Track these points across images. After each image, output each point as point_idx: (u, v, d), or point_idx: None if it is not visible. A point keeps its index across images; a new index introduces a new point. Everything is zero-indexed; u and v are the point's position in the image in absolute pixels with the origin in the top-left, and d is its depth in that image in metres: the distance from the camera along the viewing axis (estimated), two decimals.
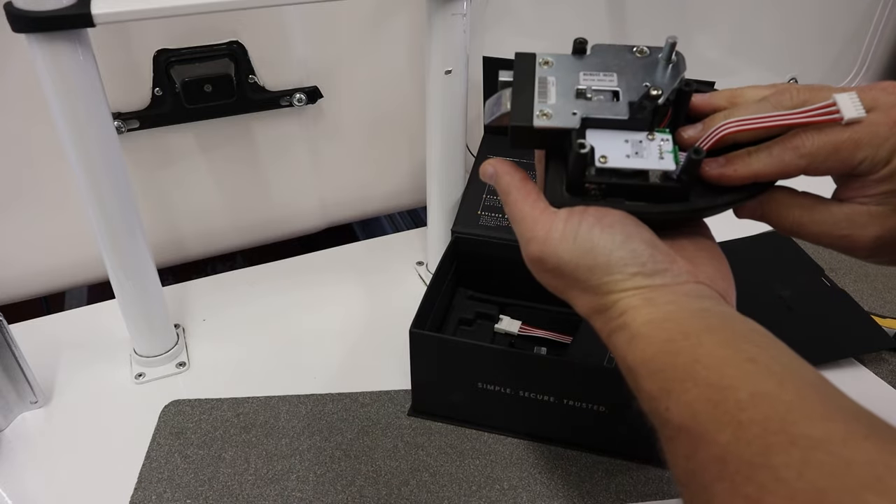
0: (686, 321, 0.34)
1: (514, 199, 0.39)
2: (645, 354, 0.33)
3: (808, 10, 0.96)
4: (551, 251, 0.36)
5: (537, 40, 0.82)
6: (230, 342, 0.68)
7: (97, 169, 0.52)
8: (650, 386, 0.32)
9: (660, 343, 0.33)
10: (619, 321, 0.35)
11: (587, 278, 0.36)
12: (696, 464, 0.28)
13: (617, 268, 0.35)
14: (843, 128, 0.35)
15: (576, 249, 0.35)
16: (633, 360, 0.33)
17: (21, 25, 0.44)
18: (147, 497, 0.53)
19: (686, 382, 0.30)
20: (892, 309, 0.71)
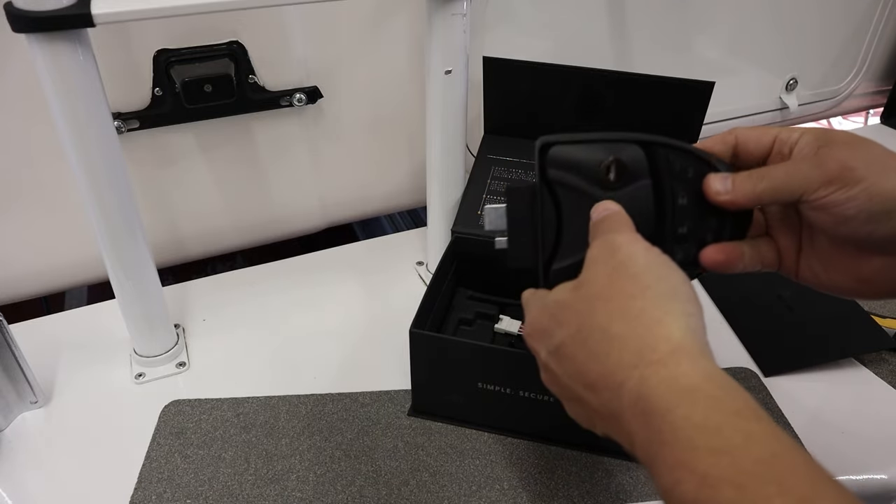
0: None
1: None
2: (706, 417, 0.27)
3: (808, 11, 0.96)
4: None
5: (537, 40, 0.82)
6: (230, 342, 0.68)
7: (97, 169, 0.52)
8: (708, 467, 0.26)
9: (731, 399, 0.28)
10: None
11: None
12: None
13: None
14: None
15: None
16: (686, 420, 0.28)
17: (21, 25, 0.44)
18: (147, 497, 0.53)
19: (769, 485, 0.25)
20: (892, 309, 0.71)
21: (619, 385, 0.31)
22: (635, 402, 0.30)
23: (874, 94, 1.13)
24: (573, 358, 0.34)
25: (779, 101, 1.03)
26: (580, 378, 0.33)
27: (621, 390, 0.30)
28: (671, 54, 0.91)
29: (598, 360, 0.32)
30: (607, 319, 0.32)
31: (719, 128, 1.00)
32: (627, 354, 0.31)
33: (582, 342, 0.33)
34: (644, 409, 0.29)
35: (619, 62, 0.88)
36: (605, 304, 0.33)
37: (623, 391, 0.30)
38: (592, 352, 0.32)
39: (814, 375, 0.64)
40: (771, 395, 0.61)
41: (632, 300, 0.32)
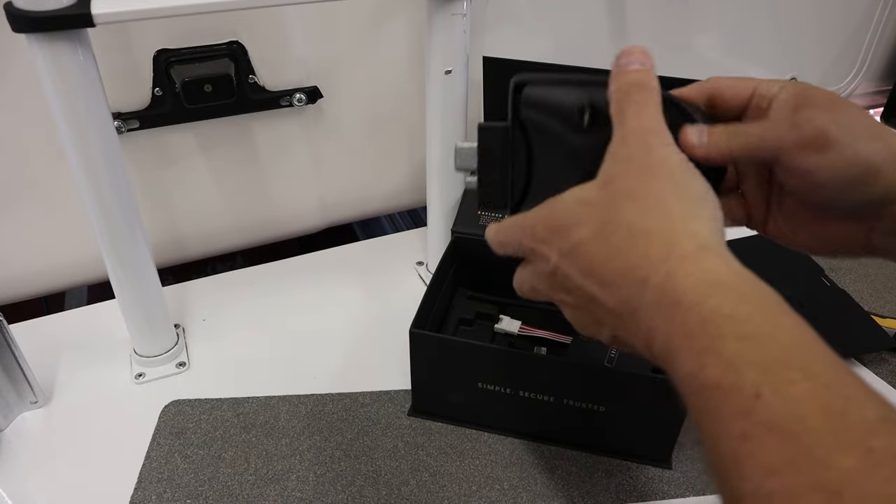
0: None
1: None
2: (735, 308, 0.27)
3: (808, 10, 0.96)
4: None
5: (537, 40, 0.82)
6: (230, 342, 0.68)
7: (97, 169, 0.52)
8: (735, 352, 0.26)
9: (758, 294, 0.28)
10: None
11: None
12: (787, 485, 0.22)
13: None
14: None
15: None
16: (714, 311, 0.27)
17: (21, 25, 0.44)
18: (147, 497, 0.53)
19: (793, 370, 0.25)
20: (892, 309, 0.71)
21: (643, 280, 0.30)
22: (660, 296, 0.29)
23: (874, 94, 1.13)
24: (593, 255, 0.32)
25: None
26: (598, 275, 0.32)
27: (645, 285, 0.30)
28: (671, 54, 0.91)
29: (622, 255, 0.31)
30: (636, 216, 0.32)
31: None
32: (655, 249, 0.30)
33: (605, 238, 0.32)
34: (670, 302, 0.29)
35: None
36: (634, 201, 0.32)
37: (647, 286, 0.30)
38: (616, 247, 0.31)
39: None
40: None
41: (663, 198, 0.32)
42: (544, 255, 0.35)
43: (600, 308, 0.33)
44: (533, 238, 0.36)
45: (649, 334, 0.30)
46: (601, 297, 0.32)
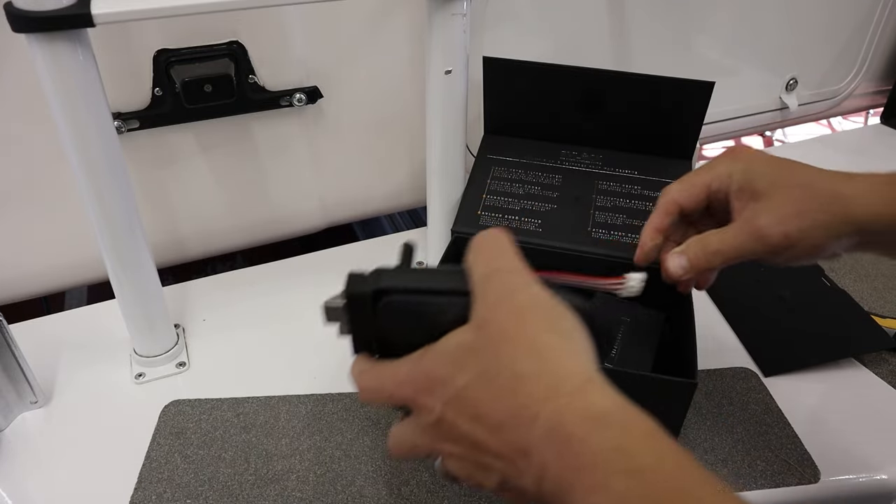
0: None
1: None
2: (621, 441, 0.29)
3: (808, 11, 0.96)
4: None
5: (537, 40, 0.82)
6: (230, 342, 0.68)
7: (97, 169, 0.52)
8: (623, 486, 0.28)
9: (641, 425, 0.30)
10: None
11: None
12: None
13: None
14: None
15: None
16: (602, 446, 0.29)
17: (21, 25, 0.44)
18: (147, 497, 0.53)
19: (676, 500, 0.28)
20: (892, 309, 0.71)
21: (532, 418, 0.30)
22: (550, 433, 0.30)
23: (874, 94, 1.13)
24: (478, 400, 0.32)
25: (779, 101, 1.03)
26: (486, 420, 0.32)
27: (535, 424, 0.30)
28: (671, 54, 0.91)
29: (508, 397, 0.31)
30: (516, 357, 0.32)
31: (719, 128, 1.00)
32: (540, 388, 0.31)
33: (489, 381, 0.32)
34: (560, 438, 0.29)
35: (618, 62, 0.88)
36: (511, 343, 0.32)
37: (537, 424, 0.30)
38: (501, 389, 0.32)
39: (814, 375, 0.64)
40: (771, 395, 0.61)
41: (539, 337, 0.32)
42: (427, 405, 0.34)
43: (488, 454, 0.32)
44: (413, 390, 0.35)
45: (541, 472, 0.30)
46: (490, 443, 0.32)
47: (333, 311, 0.39)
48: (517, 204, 0.66)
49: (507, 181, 0.68)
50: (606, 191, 0.66)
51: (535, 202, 0.66)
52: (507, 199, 0.66)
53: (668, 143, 0.69)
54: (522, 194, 0.67)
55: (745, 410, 0.60)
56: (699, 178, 0.46)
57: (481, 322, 0.34)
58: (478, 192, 0.68)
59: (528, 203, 0.66)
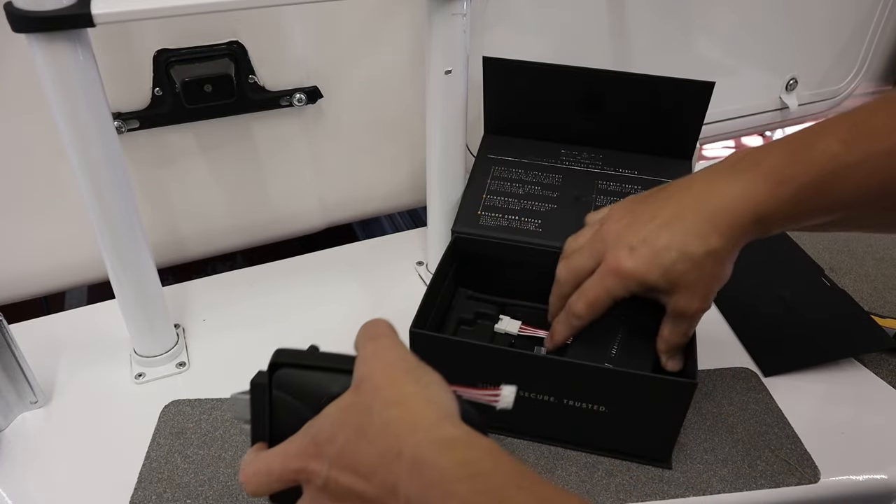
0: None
1: None
2: (464, 455, 0.33)
3: (808, 11, 0.96)
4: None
5: (537, 40, 0.82)
6: (230, 342, 0.68)
7: (97, 169, 0.52)
8: (467, 489, 0.31)
9: (483, 443, 0.34)
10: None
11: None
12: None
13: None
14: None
15: None
16: (450, 461, 0.33)
17: (21, 25, 0.44)
18: (147, 497, 0.53)
19: (510, 487, 0.31)
20: (892, 309, 0.71)
21: (397, 455, 0.33)
22: (412, 464, 0.33)
23: (874, 94, 1.13)
24: (355, 452, 0.35)
25: (779, 101, 1.03)
26: (361, 469, 0.34)
27: (399, 460, 0.33)
28: (671, 54, 0.91)
29: (378, 442, 0.34)
30: (384, 405, 0.35)
31: (719, 128, 1.00)
32: (403, 428, 0.34)
33: (363, 433, 0.35)
34: (420, 466, 0.32)
35: (618, 62, 0.88)
36: (381, 394, 0.36)
37: (401, 460, 0.33)
38: (373, 438, 0.34)
39: (814, 375, 0.64)
40: (771, 395, 0.61)
41: (404, 388, 0.36)
42: (316, 471, 0.36)
43: (367, 501, 0.35)
44: (304, 459, 0.37)
45: (407, 502, 0.33)
46: (367, 491, 0.34)
47: (238, 403, 0.42)
48: (517, 204, 0.66)
49: (508, 181, 0.68)
50: (606, 191, 0.66)
51: (535, 202, 0.66)
52: (507, 198, 0.66)
53: (668, 144, 0.69)
54: (522, 194, 0.67)
55: (745, 410, 0.60)
56: (567, 270, 0.55)
57: (358, 382, 0.37)
58: (478, 192, 0.68)
59: (529, 203, 0.66)
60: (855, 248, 0.81)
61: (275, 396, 0.41)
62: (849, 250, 0.80)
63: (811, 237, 0.82)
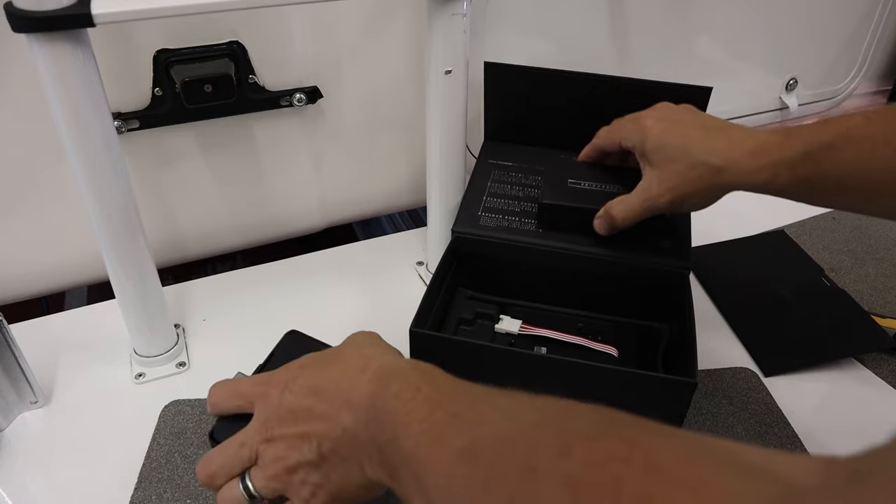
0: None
1: None
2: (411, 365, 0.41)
3: (808, 11, 0.96)
4: None
5: (537, 41, 0.82)
6: (230, 342, 0.68)
7: (97, 169, 0.52)
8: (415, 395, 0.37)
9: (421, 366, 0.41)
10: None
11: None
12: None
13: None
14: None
15: None
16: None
17: (21, 25, 0.44)
18: (147, 497, 0.53)
19: (424, 385, 0.38)
20: (892, 309, 0.71)
21: (362, 369, 0.40)
22: (372, 376, 0.39)
23: (874, 94, 1.13)
24: (310, 378, 0.42)
25: (779, 101, 1.03)
26: (317, 390, 0.41)
27: (364, 373, 0.40)
28: (671, 55, 0.91)
29: (336, 368, 0.42)
30: (345, 354, 0.44)
31: None
32: (364, 359, 0.42)
33: (321, 367, 0.43)
34: (380, 377, 0.39)
35: (618, 63, 0.88)
36: (344, 351, 0.45)
37: (366, 373, 0.40)
38: (331, 368, 0.42)
39: (814, 375, 0.64)
40: (771, 395, 0.61)
41: (363, 348, 0.44)
42: (268, 393, 0.43)
43: (312, 419, 0.40)
44: (261, 386, 0.44)
45: (365, 409, 0.38)
46: (318, 407, 0.40)
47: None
48: (517, 205, 0.66)
49: (508, 184, 0.68)
50: None
51: (535, 204, 0.66)
52: (507, 200, 0.66)
53: None
54: (523, 196, 0.67)
55: (745, 410, 0.60)
56: (612, 135, 0.61)
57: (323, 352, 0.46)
58: (479, 193, 0.68)
59: (529, 205, 0.66)
60: (855, 248, 0.81)
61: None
62: (849, 250, 0.80)
63: (811, 237, 0.82)
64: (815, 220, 0.85)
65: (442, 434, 0.33)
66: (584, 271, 0.62)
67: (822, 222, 0.85)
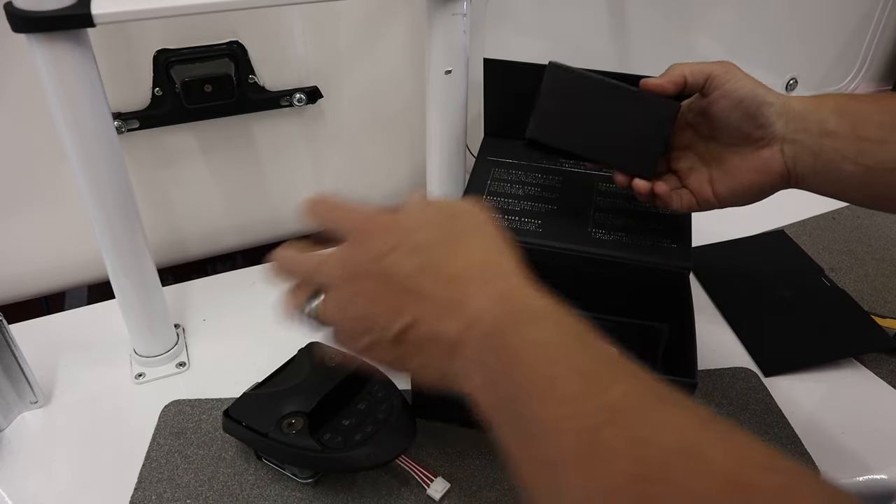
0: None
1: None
2: (533, 311, 0.36)
3: (808, 11, 0.96)
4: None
5: (537, 40, 0.82)
6: (230, 342, 0.68)
7: (97, 169, 0.52)
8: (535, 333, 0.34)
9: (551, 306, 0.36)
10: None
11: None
12: (581, 406, 0.30)
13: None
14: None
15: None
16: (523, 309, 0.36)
17: (21, 25, 0.44)
18: (147, 497, 0.53)
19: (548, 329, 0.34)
20: (892, 309, 0.71)
21: (483, 282, 0.36)
22: (495, 293, 0.36)
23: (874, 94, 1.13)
24: (432, 253, 0.37)
25: None
26: (436, 271, 0.37)
27: (484, 287, 0.36)
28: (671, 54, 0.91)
29: (458, 260, 0.37)
30: (477, 240, 0.39)
31: None
32: (492, 259, 0.38)
33: (447, 244, 0.38)
34: (504, 297, 0.36)
35: (618, 62, 0.88)
36: (477, 231, 0.39)
37: (486, 286, 0.36)
38: (458, 254, 0.37)
39: (814, 375, 0.64)
40: (771, 395, 0.61)
41: (497, 240, 0.39)
42: (376, 241, 0.39)
43: (415, 296, 0.37)
44: (366, 223, 0.40)
45: (474, 320, 0.35)
46: (429, 288, 0.37)
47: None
48: (517, 205, 0.66)
49: (507, 182, 0.68)
50: (606, 192, 0.66)
51: (535, 203, 0.66)
52: (507, 199, 0.66)
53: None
54: (522, 195, 0.67)
55: (745, 410, 0.60)
56: (703, 67, 0.58)
57: (453, 213, 0.40)
58: (478, 193, 0.68)
59: (529, 204, 0.66)
60: (855, 248, 0.81)
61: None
62: (849, 250, 0.80)
63: (811, 237, 0.82)
64: (815, 220, 0.85)
65: (600, 440, 0.28)
66: (584, 271, 0.62)
67: (822, 222, 0.85)
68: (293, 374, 0.57)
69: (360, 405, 0.54)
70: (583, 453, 0.29)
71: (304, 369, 0.57)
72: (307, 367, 0.57)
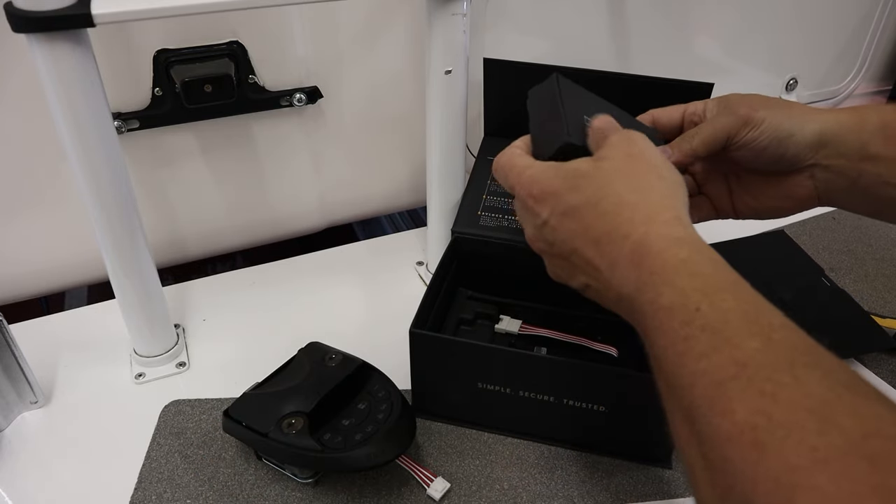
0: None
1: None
2: (689, 255, 0.36)
3: (808, 11, 0.96)
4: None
5: (537, 40, 0.82)
6: (230, 342, 0.68)
7: (97, 169, 0.52)
8: (685, 283, 0.34)
9: (708, 252, 0.37)
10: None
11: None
12: (712, 363, 0.31)
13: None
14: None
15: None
16: (674, 256, 0.36)
17: (21, 25, 0.44)
18: (147, 497, 0.53)
19: (725, 293, 0.34)
20: (892, 309, 0.71)
21: (624, 237, 0.38)
22: (635, 250, 0.37)
23: (874, 94, 1.13)
24: (583, 218, 0.40)
25: None
26: (586, 234, 0.40)
27: (625, 242, 0.37)
28: (671, 54, 0.91)
29: (608, 219, 0.39)
30: (624, 189, 0.39)
31: None
32: (638, 215, 0.38)
33: (595, 205, 0.39)
34: (643, 252, 0.37)
35: (618, 62, 0.88)
36: (623, 177, 0.40)
37: (627, 242, 0.37)
38: (604, 212, 0.39)
39: None
40: None
41: (647, 178, 0.40)
42: (536, 211, 0.42)
43: (581, 259, 0.40)
44: (529, 195, 0.43)
45: (622, 281, 0.38)
46: (584, 252, 0.40)
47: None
48: None
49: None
50: None
51: None
52: (507, 199, 0.66)
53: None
54: None
55: None
56: (677, 105, 0.53)
57: (601, 157, 0.42)
58: (478, 193, 0.68)
59: None
60: (855, 248, 0.81)
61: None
62: (849, 250, 0.80)
63: (811, 237, 0.82)
64: (815, 220, 0.85)
65: (729, 405, 0.29)
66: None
67: (822, 222, 0.85)
68: (293, 374, 0.57)
69: (360, 405, 0.54)
70: (707, 404, 0.30)
71: (304, 369, 0.57)
72: (307, 367, 0.57)
